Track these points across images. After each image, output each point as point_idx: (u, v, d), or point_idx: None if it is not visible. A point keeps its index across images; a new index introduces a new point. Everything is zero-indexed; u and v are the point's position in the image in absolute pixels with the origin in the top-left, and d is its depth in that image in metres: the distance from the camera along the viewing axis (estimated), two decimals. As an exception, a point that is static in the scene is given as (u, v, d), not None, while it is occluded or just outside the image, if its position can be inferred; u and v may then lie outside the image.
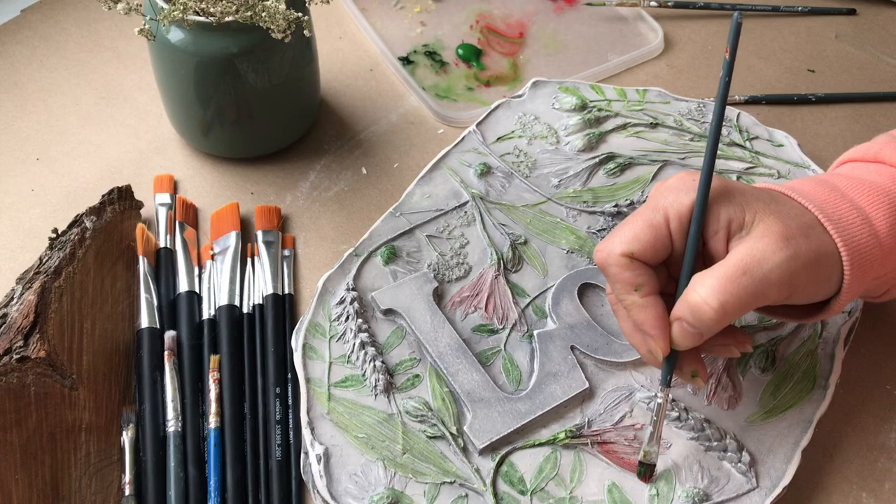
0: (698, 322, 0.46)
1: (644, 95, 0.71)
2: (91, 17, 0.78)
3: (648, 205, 0.49)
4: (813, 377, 0.57)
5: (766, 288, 0.46)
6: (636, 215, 0.48)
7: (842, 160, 0.56)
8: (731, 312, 0.46)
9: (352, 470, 0.52)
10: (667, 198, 0.48)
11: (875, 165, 0.52)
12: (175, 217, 0.64)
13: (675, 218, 0.48)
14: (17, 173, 0.68)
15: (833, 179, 0.51)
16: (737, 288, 0.45)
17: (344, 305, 0.58)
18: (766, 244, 0.46)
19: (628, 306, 0.48)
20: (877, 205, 0.49)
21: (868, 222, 0.48)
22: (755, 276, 0.45)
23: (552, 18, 0.80)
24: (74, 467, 0.51)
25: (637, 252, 0.47)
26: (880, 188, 0.50)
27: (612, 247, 0.48)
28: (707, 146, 0.48)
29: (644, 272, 0.48)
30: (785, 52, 0.79)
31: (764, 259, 0.46)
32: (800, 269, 0.46)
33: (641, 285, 0.47)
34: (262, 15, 0.57)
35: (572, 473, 0.53)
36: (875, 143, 0.54)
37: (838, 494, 0.54)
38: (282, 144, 0.69)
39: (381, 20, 0.79)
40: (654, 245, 0.48)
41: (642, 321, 0.48)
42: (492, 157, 0.67)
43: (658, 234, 0.48)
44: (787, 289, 0.47)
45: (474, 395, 0.55)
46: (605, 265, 0.48)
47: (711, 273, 0.46)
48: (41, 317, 0.53)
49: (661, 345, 0.48)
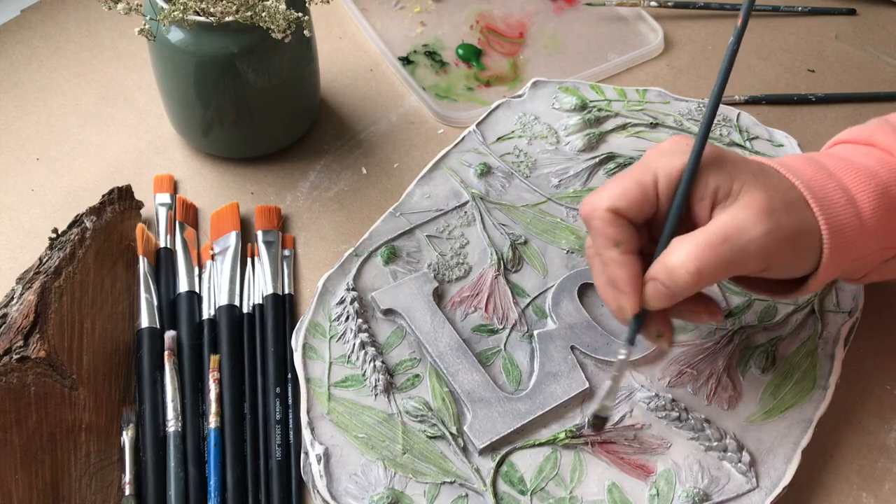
0: (672, 284, 0.47)
1: (644, 95, 0.71)
2: (91, 17, 0.78)
3: (640, 164, 0.49)
4: (813, 377, 0.57)
5: (744, 258, 0.46)
6: (626, 173, 0.49)
7: (835, 141, 0.56)
8: (706, 278, 0.46)
9: (352, 470, 0.52)
10: (659, 159, 0.49)
11: (866, 148, 0.52)
12: (175, 217, 0.64)
13: (664, 179, 0.48)
14: (17, 173, 0.68)
15: (823, 159, 0.51)
16: (714, 255, 0.46)
17: (344, 305, 0.58)
18: (748, 215, 0.46)
19: (606, 261, 0.48)
20: (863, 187, 0.49)
21: (853, 203, 0.49)
22: (734, 245, 0.46)
23: (552, 18, 0.80)
24: (74, 467, 0.51)
25: (623, 208, 0.48)
26: (868, 171, 0.50)
27: (599, 201, 0.48)
28: (705, 112, 0.49)
29: (627, 229, 0.48)
30: (785, 52, 0.79)
31: (744, 229, 0.46)
32: (779, 242, 0.47)
33: (622, 242, 0.48)
34: (262, 15, 0.57)
35: (572, 473, 0.53)
36: (868, 126, 0.54)
37: (838, 494, 0.54)
38: (282, 144, 0.69)
39: (381, 20, 0.79)
40: (641, 203, 0.48)
41: (617, 277, 0.48)
42: (492, 157, 0.67)
43: (645, 192, 0.48)
44: (763, 261, 0.47)
45: (474, 395, 0.55)
46: (590, 218, 0.49)
47: (691, 238, 0.47)
48: (41, 317, 0.53)
49: (631, 302, 0.48)
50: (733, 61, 0.49)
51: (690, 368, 0.57)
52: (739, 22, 0.49)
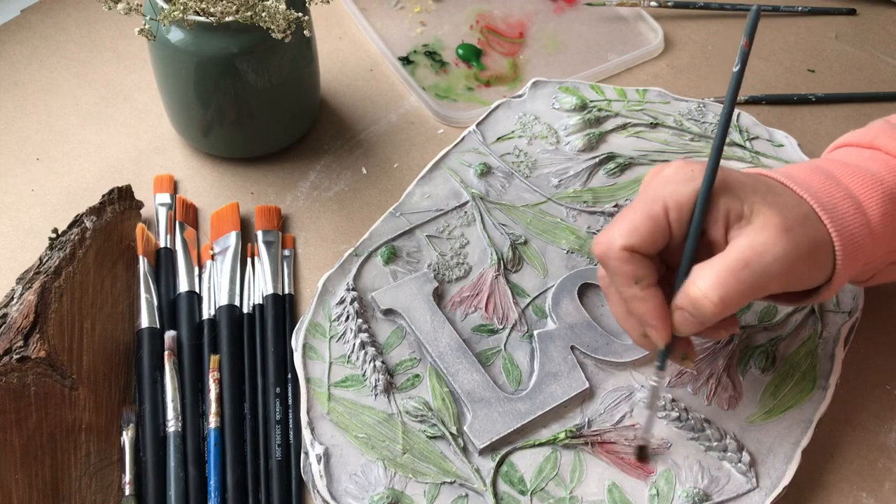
0: (699, 314, 0.47)
1: (644, 95, 0.71)
2: (91, 17, 0.78)
3: (646, 195, 0.49)
4: (813, 377, 0.57)
5: (767, 281, 0.46)
6: (634, 207, 0.48)
7: (837, 144, 0.56)
8: (731, 306, 0.46)
9: (352, 470, 0.52)
10: (665, 188, 0.48)
11: (870, 152, 0.52)
12: (175, 217, 0.64)
13: (675, 209, 0.47)
14: (17, 173, 0.68)
15: (828, 166, 0.51)
16: (737, 282, 0.45)
17: (344, 305, 0.58)
18: (767, 236, 0.46)
19: (629, 298, 0.48)
20: (870, 193, 0.49)
21: (861, 211, 0.48)
22: (756, 269, 0.46)
23: (552, 18, 0.80)
24: (74, 467, 0.51)
25: (637, 245, 0.47)
26: (874, 176, 0.50)
27: (612, 240, 0.47)
28: (715, 139, 0.48)
29: (644, 264, 0.48)
30: (785, 52, 0.79)
31: (765, 252, 0.46)
32: (799, 260, 0.46)
33: (642, 278, 0.47)
34: (262, 15, 0.57)
35: (572, 473, 0.53)
36: (871, 128, 0.54)
37: (838, 494, 0.54)
38: (282, 144, 0.69)
39: (381, 20, 0.79)
40: (654, 236, 0.47)
41: (643, 313, 0.48)
42: (492, 157, 0.67)
43: (657, 225, 0.47)
44: (786, 280, 0.47)
45: (474, 395, 0.55)
46: (605, 259, 0.48)
47: (711, 266, 0.46)
48: (41, 317, 0.53)
49: (662, 335, 0.48)
50: (739, 87, 0.48)
51: (690, 369, 0.57)
52: (746, 46, 0.48)
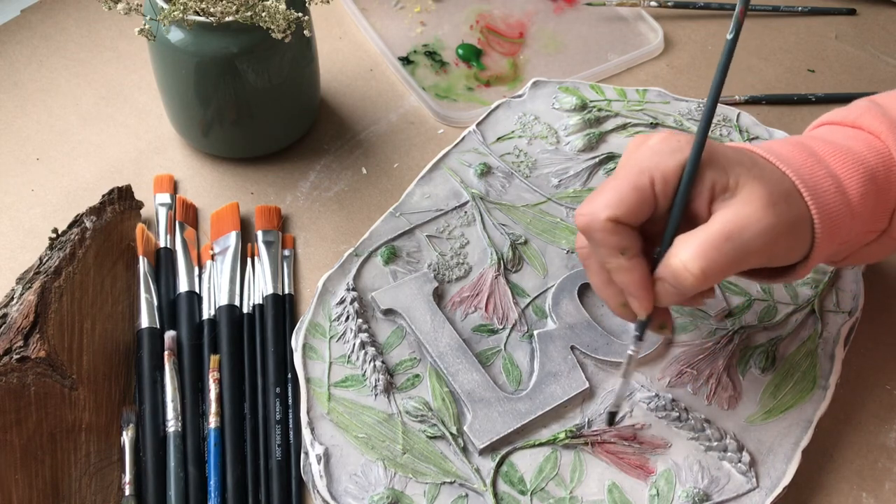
0: (680, 285, 0.47)
1: (644, 95, 0.71)
2: (91, 17, 0.78)
3: (631, 165, 0.48)
4: (813, 377, 0.57)
5: (748, 255, 0.46)
6: (618, 177, 0.48)
7: (820, 121, 0.55)
8: (711, 277, 0.46)
9: (352, 470, 0.52)
10: (651, 159, 0.48)
11: (853, 131, 0.52)
12: (175, 217, 0.64)
13: (661, 181, 0.47)
14: (17, 173, 0.68)
15: (811, 143, 0.51)
16: (718, 254, 0.45)
17: (344, 305, 0.58)
18: (751, 210, 0.46)
19: (613, 269, 0.48)
20: (851, 173, 0.49)
21: (841, 190, 0.48)
22: (737, 242, 0.46)
23: (552, 18, 0.80)
24: (74, 467, 0.51)
25: (622, 216, 0.47)
26: (856, 155, 0.50)
27: (597, 211, 0.47)
28: (704, 110, 0.48)
29: (629, 235, 0.47)
30: (785, 52, 0.79)
31: (748, 226, 0.46)
32: (781, 235, 0.46)
33: (627, 248, 0.47)
34: (262, 15, 0.57)
35: (572, 473, 0.53)
36: (855, 107, 0.53)
37: (838, 494, 0.54)
38: (282, 144, 0.69)
39: (381, 20, 0.79)
40: (639, 208, 0.47)
41: (627, 283, 0.48)
42: (492, 157, 0.67)
43: (643, 196, 0.47)
44: (766, 255, 0.47)
45: (474, 395, 0.55)
46: (590, 230, 0.48)
47: (694, 237, 0.46)
48: (41, 317, 0.53)
49: (644, 305, 0.48)
50: (730, 59, 0.48)
51: (690, 368, 0.57)
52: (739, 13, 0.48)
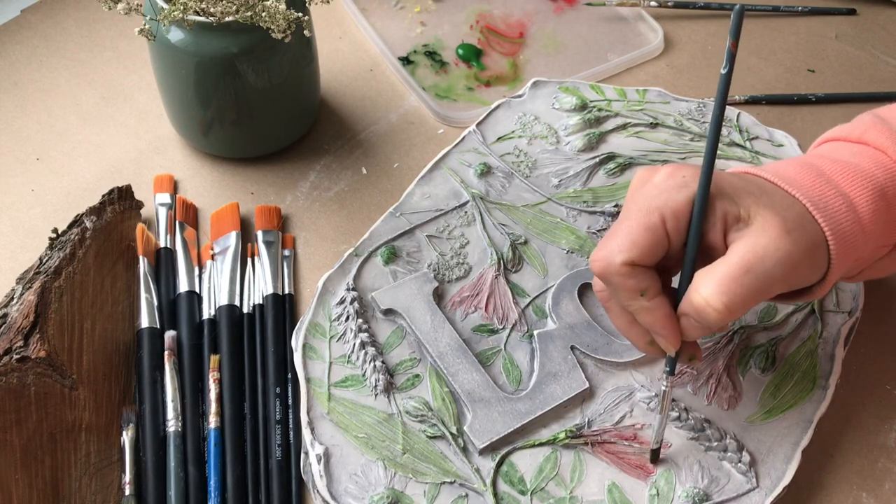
0: (704, 321, 0.46)
1: (644, 95, 0.71)
2: (91, 17, 0.78)
3: (639, 205, 0.48)
4: (813, 377, 0.57)
5: (770, 284, 0.46)
6: (628, 218, 0.47)
7: (824, 138, 0.55)
8: (736, 312, 0.46)
9: (352, 470, 0.52)
10: (659, 197, 0.47)
11: (858, 147, 0.52)
12: (175, 217, 0.64)
13: (672, 218, 0.47)
14: (17, 173, 0.68)
15: (817, 163, 0.51)
16: (740, 287, 0.45)
17: (344, 305, 0.58)
18: (768, 239, 0.45)
19: (636, 311, 0.48)
20: (861, 190, 0.49)
21: (853, 209, 0.48)
22: (758, 274, 0.45)
23: (552, 18, 0.80)
24: (74, 467, 0.51)
25: (637, 258, 0.46)
26: (865, 172, 0.49)
27: (612, 256, 0.47)
28: (707, 144, 0.48)
29: (647, 276, 0.47)
30: (785, 52, 0.79)
31: (766, 256, 0.45)
32: (800, 261, 0.46)
33: (647, 289, 0.47)
34: (262, 15, 0.57)
35: (572, 473, 0.53)
36: (859, 123, 0.53)
37: (838, 494, 0.54)
38: (282, 144, 0.69)
39: (381, 20, 0.79)
40: (654, 248, 0.47)
41: (652, 323, 0.48)
42: (492, 157, 0.67)
43: (656, 236, 0.47)
44: (787, 282, 0.47)
45: (474, 395, 0.55)
46: (607, 275, 0.47)
47: (714, 273, 0.46)
48: (41, 317, 0.53)
49: (672, 342, 0.48)
50: (727, 90, 0.47)
51: (690, 368, 0.57)
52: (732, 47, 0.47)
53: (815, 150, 0.55)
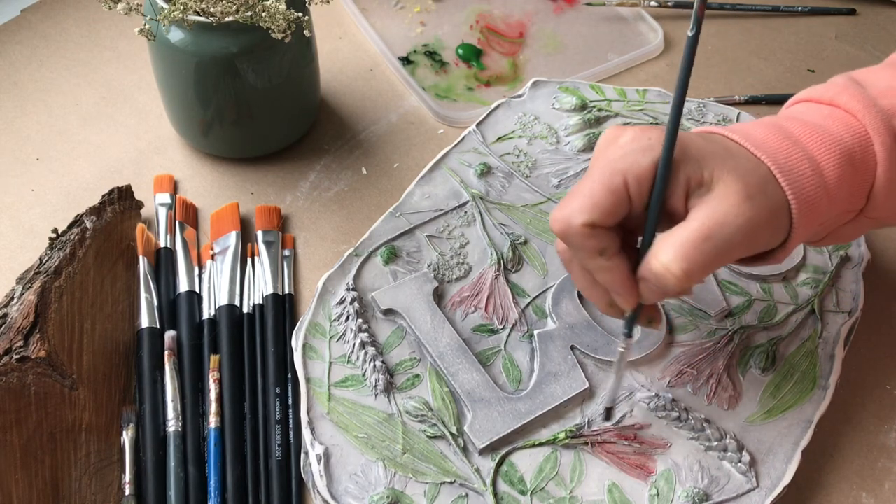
0: (663, 286, 0.46)
1: (644, 95, 0.71)
2: (91, 17, 0.78)
3: (603, 166, 0.47)
4: (813, 377, 0.57)
5: (729, 250, 0.46)
6: (592, 178, 0.47)
7: (797, 98, 0.55)
8: (695, 277, 0.46)
9: (352, 470, 0.52)
10: (624, 159, 0.47)
11: (829, 109, 0.51)
12: (175, 217, 0.64)
13: (634, 181, 0.46)
14: (17, 173, 0.68)
15: (787, 124, 0.50)
16: (699, 254, 0.45)
17: (344, 305, 0.58)
18: (728, 206, 0.45)
19: (594, 269, 0.48)
20: (828, 154, 0.48)
21: (818, 172, 0.48)
22: (717, 240, 0.45)
23: (552, 18, 0.80)
24: (74, 467, 0.51)
25: (598, 220, 0.46)
26: (833, 136, 0.49)
27: (572, 216, 0.46)
28: (671, 108, 0.47)
29: (606, 236, 0.47)
30: (785, 52, 0.79)
31: (726, 222, 0.45)
32: (760, 227, 0.46)
33: (606, 249, 0.47)
34: (262, 15, 0.57)
35: (572, 473, 0.53)
36: (833, 85, 0.52)
37: (838, 494, 0.54)
38: (282, 144, 0.69)
39: (381, 20, 0.79)
40: (615, 210, 0.46)
41: (610, 282, 0.48)
42: (492, 157, 0.67)
43: (617, 198, 0.46)
44: (747, 248, 0.47)
45: (474, 395, 0.55)
46: (566, 235, 0.47)
47: (673, 238, 0.46)
48: (41, 317, 0.53)
49: (629, 301, 0.48)
50: (693, 57, 0.47)
51: (690, 368, 0.57)
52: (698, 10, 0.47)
53: (787, 111, 0.54)
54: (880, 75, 0.52)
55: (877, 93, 0.50)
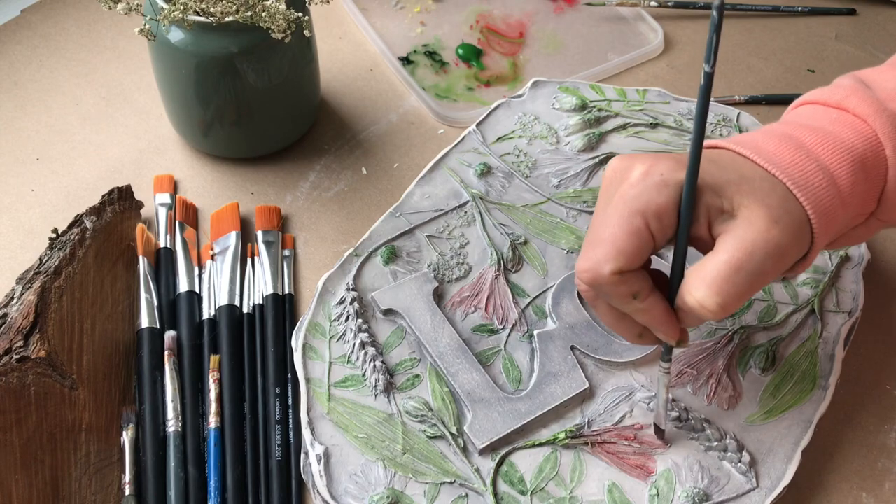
0: (701, 319, 0.46)
1: (644, 95, 0.71)
2: (91, 17, 0.78)
3: (619, 209, 0.46)
4: (813, 377, 0.57)
5: (762, 277, 0.45)
6: (612, 223, 0.46)
7: (803, 101, 0.54)
8: (730, 309, 0.45)
9: (352, 470, 0.52)
10: (639, 199, 0.46)
11: (838, 113, 0.50)
12: (175, 217, 0.64)
13: (655, 220, 0.46)
14: (17, 173, 0.68)
15: (797, 133, 0.49)
16: (733, 286, 0.45)
17: (344, 305, 0.58)
18: (756, 233, 0.45)
19: (632, 312, 0.48)
20: (841, 162, 0.48)
21: (833, 183, 0.47)
22: (749, 269, 0.45)
23: (552, 18, 0.80)
24: (74, 467, 0.51)
25: (625, 266, 0.45)
26: (845, 143, 0.48)
27: (599, 267, 0.46)
28: (691, 147, 0.45)
29: (636, 279, 0.46)
30: (785, 52, 0.79)
31: (756, 250, 0.45)
32: (789, 248, 0.46)
33: (639, 292, 0.46)
34: (262, 15, 0.57)
35: (572, 473, 0.53)
36: (839, 88, 0.52)
37: (838, 494, 0.54)
38: (282, 144, 0.69)
39: (381, 20, 0.79)
40: (640, 252, 0.46)
41: (650, 321, 0.47)
42: (492, 157, 0.67)
43: (641, 239, 0.46)
44: (779, 270, 0.46)
45: (474, 395, 0.55)
46: (597, 286, 0.47)
47: (704, 273, 0.45)
48: (41, 317, 0.53)
49: (672, 335, 0.48)
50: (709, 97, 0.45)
51: (690, 368, 0.57)
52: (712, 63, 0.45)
53: (792, 114, 0.53)
54: (887, 76, 0.51)
55: (885, 96, 0.50)
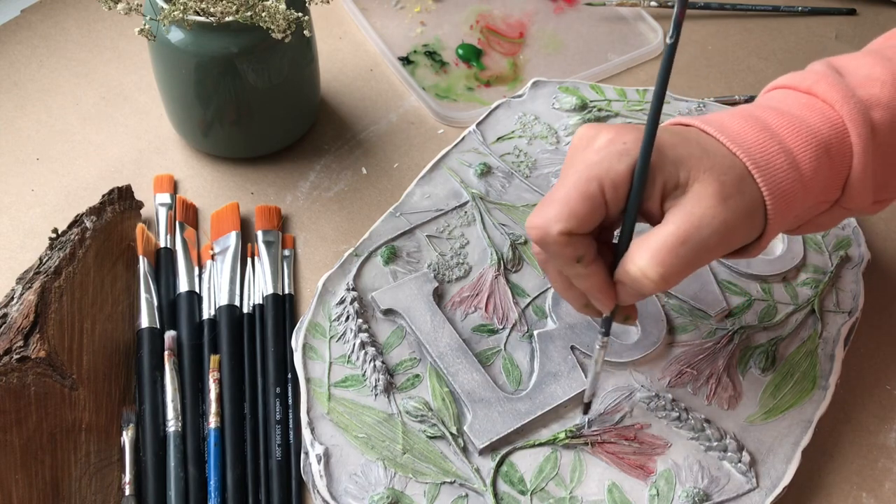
0: (640, 290, 0.46)
1: (644, 95, 0.71)
2: (91, 17, 0.78)
3: (578, 171, 0.46)
4: (813, 377, 0.57)
5: (706, 252, 0.45)
6: (568, 185, 0.46)
7: (774, 85, 0.54)
8: (671, 281, 0.45)
9: (352, 470, 0.52)
10: (600, 165, 0.46)
11: (807, 98, 0.50)
12: (175, 217, 0.64)
13: (611, 187, 0.46)
14: (17, 173, 0.68)
15: (764, 115, 0.49)
16: (676, 258, 0.45)
17: (344, 305, 0.58)
18: (704, 208, 0.45)
19: (572, 276, 0.48)
20: (804, 146, 0.48)
21: (795, 166, 0.47)
22: (694, 243, 0.45)
23: (552, 18, 0.80)
24: (74, 467, 0.52)
25: (574, 228, 0.46)
26: (810, 128, 0.48)
27: (549, 224, 0.46)
28: (649, 117, 0.45)
29: (583, 243, 0.46)
30: (785, 52, 0.79)
31: (702, 225, 0.45)
32: (736, 227, 0.46)
33: (582, 256, 0.46)
34: (262, 15, 0.57)
35: (572, 473, 0.53)
36: (810, 73, 0.52)
37: (838, 494, 0.54)
38: (282, 144, 0.69)
39: (381, 20, 0.79)
40: (591, 217, 0.46)
41: (587, 287, 0.48)
42: (492, 157, 0.67)
43: (594, 205, 0.46)
44: (724, 248, 0.46)
45: (474, 395, 0.55)
46: (543, 243, 0.47)
47: (649, 243, 0.45)
48: (41, 317, 0.53)
49: (606, 305, 0.48)
50: (671, 64, 0.46)
51: (690, 368, 0.57)
52: (678, 15, 0.46)
53: (764, 97, 0.53)
54: (861, 62, 0.51)
55: (855, 82, 0.50)
